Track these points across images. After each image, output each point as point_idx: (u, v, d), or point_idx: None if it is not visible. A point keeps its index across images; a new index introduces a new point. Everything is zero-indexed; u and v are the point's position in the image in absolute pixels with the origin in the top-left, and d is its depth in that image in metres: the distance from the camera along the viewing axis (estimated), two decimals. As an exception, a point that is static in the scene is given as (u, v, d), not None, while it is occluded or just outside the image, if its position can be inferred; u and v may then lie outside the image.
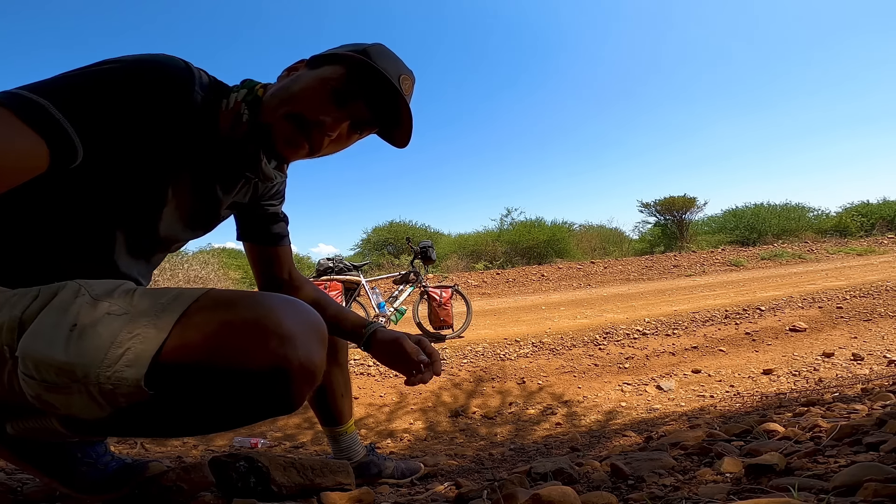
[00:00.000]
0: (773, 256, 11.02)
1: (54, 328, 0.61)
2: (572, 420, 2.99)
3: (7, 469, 1.13)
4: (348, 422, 1.38)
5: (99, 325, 0.61)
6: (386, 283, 6.89)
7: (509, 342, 4.55)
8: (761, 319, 4.69)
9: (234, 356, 0.59)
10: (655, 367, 3.82)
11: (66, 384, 0.59)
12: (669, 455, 0.95)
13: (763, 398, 2.59)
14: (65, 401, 0.62)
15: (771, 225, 13.73)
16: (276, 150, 0.82)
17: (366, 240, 15.42)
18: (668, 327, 4.66)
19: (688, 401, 3.02)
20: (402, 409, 3.41)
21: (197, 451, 2.45)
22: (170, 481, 0.88)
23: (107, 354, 0.59)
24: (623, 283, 9.41)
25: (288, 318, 0.62)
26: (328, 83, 0.80)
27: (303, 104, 0.79)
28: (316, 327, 0.66)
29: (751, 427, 1.12)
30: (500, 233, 14.08)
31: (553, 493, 0.70)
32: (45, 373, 0.59)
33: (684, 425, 1.96)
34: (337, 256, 5.08)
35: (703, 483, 0.74)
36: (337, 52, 0.83)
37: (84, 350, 0.59)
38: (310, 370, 0.63)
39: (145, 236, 0.82)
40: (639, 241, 15.65)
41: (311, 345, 0.63)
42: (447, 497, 1.04)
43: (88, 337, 0.60)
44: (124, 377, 0.58)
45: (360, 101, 0.82)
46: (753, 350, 3.95)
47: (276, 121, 0.79)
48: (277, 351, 0.60)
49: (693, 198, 14.10)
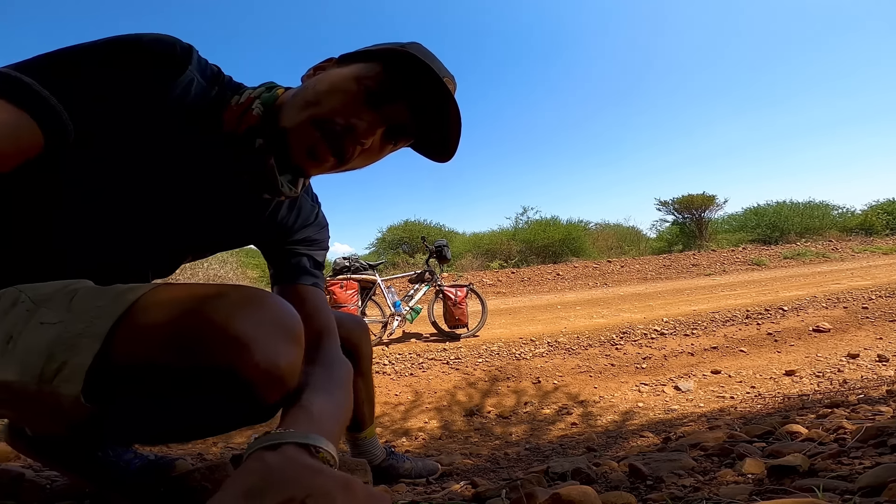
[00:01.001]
0: (795, 255, 10.75)
1: None
2: (588, 420, 2.97)
3: (35, 466, 1.16)
4: (369, 427, 1.38)
5: (31, 336, 0.54)
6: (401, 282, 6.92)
7: (524, 341, 4.53)
8: (784, 320, 4.59)
9: (184, 363, 0.52)
10: (674, 367, 3.77)
11: (10, 401, 0.55)
12: (689, 456, 0.94)
13: (785, 399, 2.54)
14: (18, 417, 0.59)
15: (793, 223, 13.40)
16: (292, 160, 0.70)
17: (381, 239, 15.50)
18: (686, 327, 4.59)
19: (707, 402, 2.97)
20: (416, 407, 3.42)
21: (217, 447, 2.49)
22: (195, 481, 0.88)
23: (42, 370, 0.52)
24: (640, 282, 9.29)
25: (246, 316, 0.54)
26: (362, 82, 0.68)
27: (331, 106, 0.67)
28: (283, 326, 0.57)
29: (773, 428, 1.10)
30: (515, 231, 14.00)
31: (573, 492, 0.69)
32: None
33: (703, 426, 1.93)
34: (353, 256, 5.11)
35: (724, 484, 0.73)
36: (371, 49, 0.72)
37: (18, 366, 0.53)
38: (274, 375, 0.55)
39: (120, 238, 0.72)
40: (656, 240, 15.42)
41: (275, 346, 0.55)
42: (464, 496, 1.04)
43: (21, 351, 0.54)
44: (62, 393, 0.51)
45: (399, 103, 0.71)
46: (775, 351, 3.86)
47: (297, 125, 0.68)
48: (231, 356, 0.52)
49: (712, 196, 13.84)
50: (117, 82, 0.63)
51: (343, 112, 0.67)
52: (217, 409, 0.58)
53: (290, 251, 0.88)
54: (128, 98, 0.64)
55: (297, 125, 0.68)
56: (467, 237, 15.14)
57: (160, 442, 0.74)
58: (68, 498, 0.88)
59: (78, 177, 0.66)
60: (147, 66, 0.64)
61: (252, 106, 0.69)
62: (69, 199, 0.66)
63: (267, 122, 0.69)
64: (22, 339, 0.54)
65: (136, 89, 0.64)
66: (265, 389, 0.55)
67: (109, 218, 0.70)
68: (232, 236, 0.87)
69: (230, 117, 0.70)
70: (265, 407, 0.57)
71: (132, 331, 0.53)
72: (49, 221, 0.67)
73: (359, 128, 0.68)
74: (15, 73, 0.58)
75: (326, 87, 0.69)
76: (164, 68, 0.66)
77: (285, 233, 0.88)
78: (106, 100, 0.63)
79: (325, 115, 0.67)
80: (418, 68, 0.69)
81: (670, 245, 14.30)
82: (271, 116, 0.69)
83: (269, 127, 0.69)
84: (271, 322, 0.56)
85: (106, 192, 0.68)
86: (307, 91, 0.70)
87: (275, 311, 0.58)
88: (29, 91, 0.57)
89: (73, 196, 0.66)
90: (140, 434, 0.66)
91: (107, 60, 0.62)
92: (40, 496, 0.89)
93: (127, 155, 0.67)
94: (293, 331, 0.58)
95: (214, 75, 0.73)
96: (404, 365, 4.13)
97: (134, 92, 0.64)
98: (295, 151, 0.69)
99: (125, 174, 0.68)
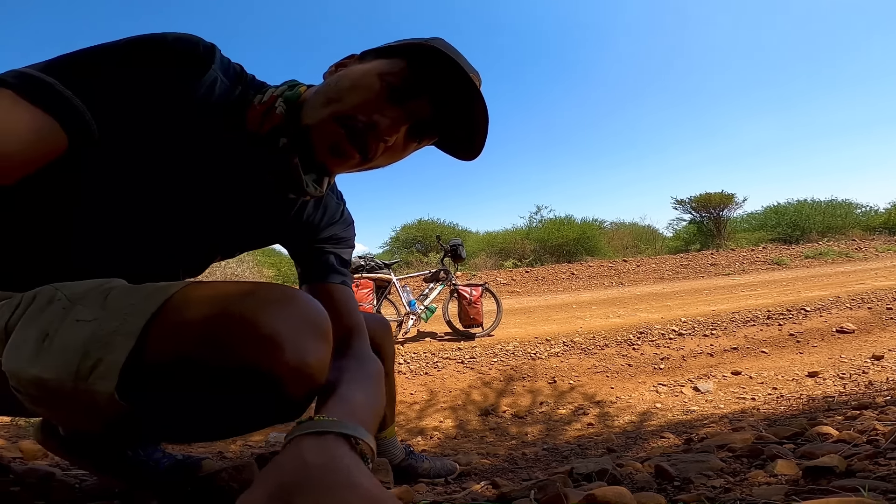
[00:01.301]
0: (817, 255, 10.52)
1: (27, 339, 0.56)
2: (605, 421, 2.94)
3: (63, 465, 1.18)
4: (389, 427, 1.38)
5: (67, 334, 0.54)
6: (416, 281, 6.93)
7: (540, 341, 4.51)
8: (806, 320, 4.49)
9: (215, 360, 0.52)
10: (692, 367, 3.71)
11: (46, 399, 0.54)
12: (717, 457, 0.92)
13: (810, 401, 2.48)
14: (53, 415, 0.58)
15: (815, 222, 13.10)
16: (316, 157, 0.69)
17: (395, 238, 15.54)
18: (705, 327, 4.52)
19: (727, 403, 2.92)
20: (431, 406, 3.42)
21: (236, 445, 2.51)
22: (223, 481, 0.89)
23: (78, 367, 0.52)
24: (657, 281, 9.17)
25: (275, 314, 0.54)
26: (385, 77, 0.67)
27: (354, 102, 0.66)
28: (311, 322, 0.57)
29: (802, 430, 1.07)
30: (528, 230, 13.93)
31: (609, 493, 0.68)
32: (27, 387, 0.54)
33: (726, 427, 1.90)
34: (368, 254, 5.14)
35: (756, 485, 0.71)
36: (394, 44, 0.71)
37: (54, 363, 0.53)
38: (303, 373, 0.54)
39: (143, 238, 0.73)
40: (673, 239, 15.21)
41: (304, 343, 0.55)
42: (486, 496, 1.04)
43: (57, 349, 0.54)
44: (97, 391, 0.51)
45: (423, 99, 0.69)
46: (798, 352, 3.78)
47: (319, 123, 0.67)
48: (261, 354, 0.52)
49: (731, 194, 13.58)
50: (140, 81, 0.63)
51: (366, 108, 0.66)
52: (246, 408, 0.58)
53: (317, 250, 0.88)
54: (151, 97, 0.64)
55: (319, 122, 0.67)
56: (481, 236, 15.11)
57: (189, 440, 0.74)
58: (98, 498, 0.89)
59: (103, 177, 0.66)
60: (170, 65, 0.64)
61: (275, 105, 0.68)
62: (95, 200, 0.67)
63: (290, 120, 0.68)
64: (58, 336, 0.54)
65: (160, 88, 0.64)
66: (294, 386, 0.55)
67: (136, 218, 0.70)
68: (259, 236, 0.87)
69: (254, 116, 0.69)
70: (294, 404, 0.57)
71: (164, 328, 0.53)
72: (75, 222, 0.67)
73: (381, 124, 0.67)
74: (37, 74, 0.57)
75: (348, 84, 0.68)
76: (187, 67, 0.65)
77: (312, 231, 0.87)
78: (129, 99, 0.63)
79: (347, 111, 0.66)
80: (443, 63, 0.67)
81: (687, 244, 14.09)
82: (294, 115, 0.68)
83: (293, 125, 0.68)
84: (300, 319, 0.56)
85: (132, 191, 0.68)
86: (329, 88, 0.69)
87: (304, 308, 0.57)
88: (51, 91, 0.57)
89: (100, 196, 0.67)
90: (170, 433, 0.67)
91: (129, 60, 0.62)
92: (69, 496, 0.90)
93: (151, 154, 0.67)
94: (322, 328, 0.58)
95: (237, 74, 0.72)
96: (419, 364, 4.14)
97: (157, 91, 0.64)
98: (318, 149, 0.68)
99: (150, 174, 0.68)
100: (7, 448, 1.49)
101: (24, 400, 0.56)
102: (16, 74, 0.56)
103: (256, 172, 0.73)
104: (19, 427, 2.49)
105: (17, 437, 1.90)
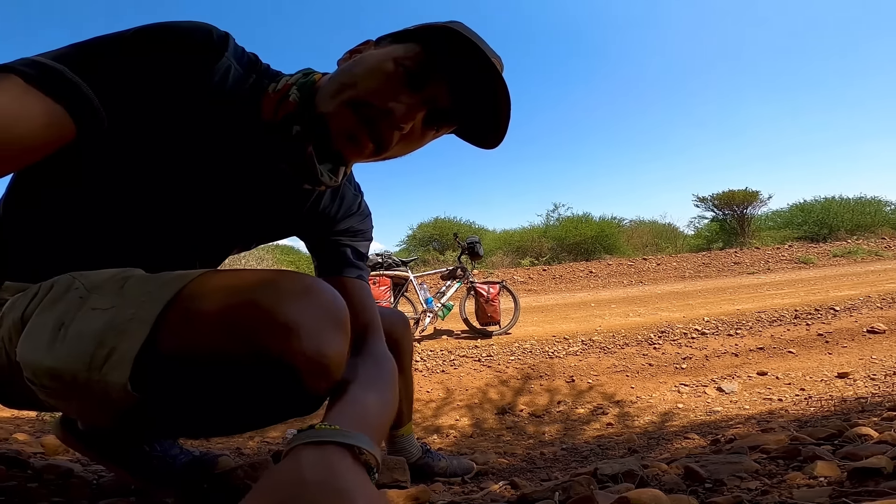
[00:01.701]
0: (846, 253, 10.18)
1: (43, 329, 0.55)
2: (625, 421, 2.88)
3: (83, 461, 1.19)
4: (406, 424, 1.37)
5: (83, 323, 0.54)
6: (433, 279, 6.92)
7: (558, 339, 4.46)
8: (835, 320, 4.35)
9: (231, 348, 0.51)
10: (716, 367, 3.62)
11: (60, 390, 0.54)
12: (750, 458, 0.88)
13: (841, 402, 2.39)
14: (66, 407, 0.58)
15: (843, 220, 12.67)
16: (332, 145, 0.67)
17: (411, 236, 15.56)
18: (730, 327, 4.40)
19: (752, 404, 2.84)
20: (448, 405, 3.41)
21: (253, 441, 2.54)
22: (238, 479, 0.89)
23: (92, 357, 0.51)
24: (678, 280, 8.99)
25: (293, 303, 0.52)
26: (400, 62, 0.65)
27: (368, 88, 0.64)
28: (331, 313, 0.56)
29: (839, 431, 1.02)
30: (546, 229, 13.81)
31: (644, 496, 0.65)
32: (41, 378, 0.53)
33: (753, 429, 1.83)
34: (385, 252, 5.16)
35: (796, 487, 0.67)
36: (410, 29, 0.68)
37: (69, 353, 0.52)
38: (321, 364, 0.53)
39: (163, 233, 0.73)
40: (694, 237, 14.90)
41: (323, 334, 0.54)
42: (505, 496, 1.01)
43: (72, 338, 0.53)
44: (110, 381, 0.50)
45: (441, 84, 0.66)
46: (826, 352, 3.66)
47: (334, 109, 0.65)
48: (277, 342, 0.50)
49: (755, 191, 13.23)
50: (152, 69, 0.61)
51: (380, 94, 0.64)
52: (261, 400, 0.56)
53: (333, 242, 0.86)
54: (163, 85, 0.62)
55: (333, 109, 0.65)
56: (497, 234, 15.02)
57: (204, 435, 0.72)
58: (115, 494, 0.89)
59: (117, 166, 0.65)
60: (183, 52, 0.62)
61: (289, 93, 0.67)
62: (110, 190, 0.66)
63: (304, 108, 0.66)
64: (74, 325, 0.54)
65: (172, 75, 0.63)
66: (311, 378, 0.53)
67: (150, 207, 0.69)
68: (275, 227, 0.85)
69: (268, 105, 0.68)
70: (311, 397, 0.56)
71: (180, 316, 0.52)
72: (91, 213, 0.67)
73: (397, 111, 0.64)
74: (46, 61, 0.56)
75: (363, 69, 0.66)
76: (200, 54, 0.64)
77: (328, 223, 0.86)
78: (141, 87, 0.61)
79: (361, 97, 0.64)
80: (462, 46, 0.63)
81: (709, 242, 13.77)
82: (309, 102, 0.67)
83: (307, 113, 0.66)
84: (319, 309, 0.54)
85: (145, 180, 0.67)
86: (343, 74, 0.67)
87: (322, 298, 0.56)
88: (61, 79, 0.56)
89: (114, 186, 0.66)
90: (185, 426, 0.66)
91: (141, 47, 0.60)
92: (88, 493, 0.90)
93: (164, 143, 0.65)
94: (340, 319, 0.56)
95: (251, 63, 0.70)
96: (436, 362, 4.13)
97: (169, 78, 0.63)
98: (334, 136, 0.66)
99: (163, 162, 0.66)
100: (29, 443, 1.52)
101: (38, 392, 0.55)
102: (26, 62, 0.56)
103: (271, 162, 0.71)
104: (44, 422, 2.55)
105: (41, 433, 1.94)
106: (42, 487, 0.87)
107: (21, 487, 0.85)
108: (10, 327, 0.58)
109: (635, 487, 0.76)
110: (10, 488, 0.84)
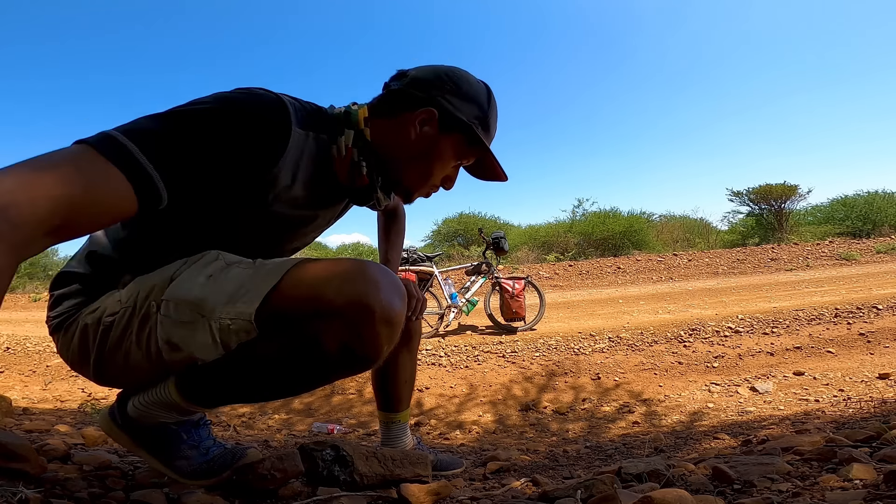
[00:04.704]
0: (890, 250, 9.64)
1: (195, 277, 0.77)
2: (652, 420, 2.82)
3: (120, 452, 1.24)
4: (404, 411, 1.39)
5: (230, 273, 0.77)
6: (458, 274, 6.92)
7: (584, 336, 4.39)
8: (878, 319, 4.13)
9: (327, 293, 0.70)
10: (750, 367, 3.51)
11: (194, 319, 0.74)
12: (783, 460, 0.84)
13: (881, 404, 2.27)
14: (190, 337, 0.74)
15: (888, 215, 12.00)
16: (411, 200, 0.99)
17: (436, 231, 15.59)
18: (765, 325, 4.24)
19: (787, 404, 2.73)
20: (471, 400, 3.41)
21: (280, 434, 2.60)
22: (265, 470, 0.91)
23: (232, 294, 0.73)
24: (710, 276, 8.72)
25: (377, 270, 0.73)
26: (459, 156, 0.94)
27: (442, 177, 0.96)
28: (399, 286, 0.76)
29: (878, 433, 0.97)
30: (572, 224, 13.60)
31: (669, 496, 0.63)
32: (181, 311, 0.75)
33: (787, 430, 1.76)
34: (411, 247, 5.18)
35: (829, 489, 0.64)
36: (463, 119, 0.90)
37: (215, 290, 0.74)
38: (391, 313, 0.71)
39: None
40: (728, 233, 14.38)
41: (394, 295, 0.73)
42: (526, 493, 1.00)
43: (220, 281, 0.76)
44: (241, 311, 0.71)
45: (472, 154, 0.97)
46: (868, 352, 3.49)
47: (419, 190, 0.96)
48: (363, 289, 0.70)
49: (794, 185, 12.66)
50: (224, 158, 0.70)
51: (449, 180, 0.99)
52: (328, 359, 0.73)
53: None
54: (238, 167, 0.73)
55: (419, 190, 0.96)
56: (523, 229, 14.88)
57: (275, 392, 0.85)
58: (149, 485, 0.93)
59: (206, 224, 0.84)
60: (254, 139, 0.72)
61: (356, 160, 0.86)
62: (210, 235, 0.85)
63: (372, 167, 0.88)
64: (222, 275, 0.77)
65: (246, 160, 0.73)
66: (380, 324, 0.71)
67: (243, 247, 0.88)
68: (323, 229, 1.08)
69: (341, 170, 0.87)
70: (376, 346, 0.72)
71: (290, 282, 0.73)
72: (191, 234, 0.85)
73: (452, 179, 1.00)
74: (119, 137, 0.61)
75: (439, 166, 0.93)
76: (270, 141, 0.75)
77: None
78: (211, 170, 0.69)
79: (438, 185, 0.98)
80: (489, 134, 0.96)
81: (744, 238, 13.29)
82: (370, 153, 0.87)
83: (380, 172, 0.90)
84: (394, 282, 0.74)
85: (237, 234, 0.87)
86: (418, 154, 0.90)
87: (394, 276, 0.76)
88: (130, 158, 0.60)
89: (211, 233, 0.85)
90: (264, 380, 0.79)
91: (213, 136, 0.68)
92: (123, 483, 0.95)
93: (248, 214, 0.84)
94: (405, 293, 0.77)
95: (305, 116, 0.81)
96: (460, 357, 4.13)
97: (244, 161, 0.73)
98: (414, 196, 0.97)
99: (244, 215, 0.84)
100: (71, 434, 1.59)
101: (164, 329, 0.75)
102: (101, 137, 0.61)
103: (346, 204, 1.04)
104: (86, 414, 2.68)
105: (82, 424, 2.03)
106: (81, 479, 0.91)
107: (60, 479, 0.89)
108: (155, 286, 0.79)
109: (660, 487, 0.74)
110: (50, 478, 0.88)
